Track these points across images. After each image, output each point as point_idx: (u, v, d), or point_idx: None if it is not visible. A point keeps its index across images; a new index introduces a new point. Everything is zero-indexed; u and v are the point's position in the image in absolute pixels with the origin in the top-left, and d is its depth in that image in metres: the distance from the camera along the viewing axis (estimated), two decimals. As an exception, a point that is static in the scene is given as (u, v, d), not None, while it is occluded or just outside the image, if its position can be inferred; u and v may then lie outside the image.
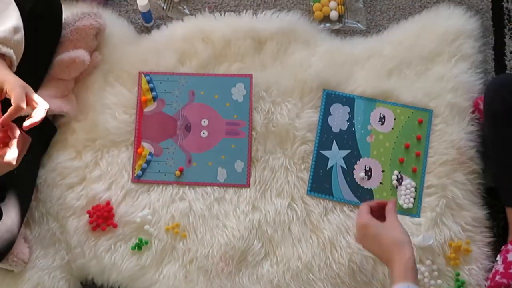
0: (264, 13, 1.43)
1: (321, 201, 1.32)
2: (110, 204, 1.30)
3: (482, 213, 1.31)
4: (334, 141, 1.35)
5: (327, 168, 1.34)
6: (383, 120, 1.36)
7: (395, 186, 1.33)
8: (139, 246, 1.28)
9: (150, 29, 1.45)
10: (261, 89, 1.37)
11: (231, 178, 1.33)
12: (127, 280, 1.28)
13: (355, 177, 1.33)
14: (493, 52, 1.45)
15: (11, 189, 1.18)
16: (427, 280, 1.26)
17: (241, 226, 1.29)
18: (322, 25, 1.45)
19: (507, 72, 1.44)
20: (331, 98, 1.37)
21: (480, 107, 1.34)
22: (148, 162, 1.34)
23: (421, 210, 1.31)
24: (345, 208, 1.31)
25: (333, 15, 1.46)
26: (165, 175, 1.33)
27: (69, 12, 1.33)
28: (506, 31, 1.47)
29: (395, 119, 1.36)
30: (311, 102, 1.37)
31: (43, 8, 1.21)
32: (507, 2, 1.49)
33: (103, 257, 1.27)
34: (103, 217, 1.28)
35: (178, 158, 1.34)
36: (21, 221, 1.20)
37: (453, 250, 1.28)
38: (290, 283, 1.26)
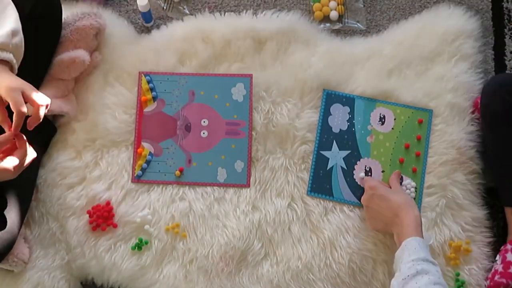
0: (264, 13, 1.43)
1: (321, 201, 1.32)
2: (110, 204, 1.30)
3: (482, 213, 1.31)
4: (334, 141, 1.35)
5: (327, 168, 1.34)
6: (383, 120, 1.36)
7: (395, 186, 1.33)
8: (139, 246, 1.28)
9: (150, 29, 1.45)
10: (261, 89, 1.37)
11: (231, 178, 1.33)
12: (127, 280, 1.28)
13: (355, 177, 1.33)
14: (493, 52, 1.45)
15: (11, 189, 1.17)
16: (427, 280, 1.26)
17: (241, 226, 1.29)
18: (322, 25, 1.45)
19: (507, 72, 1.44)
20: (331, 98, 1.37)
21: (480, 107, 1.34)
22: (148, 162, 1.34)
23: (421, 210, 1.30)
24: (345, 208, 1.31)
25: (333, 15, 1.46)
26: (165, 175, 1.33)
27: (69, 12, 1.33)
28: (506, 31, 1.47)
29: (395, 119, 1.36)
30: (311, 102, 1.37)
31: (43, 8, 1.21)
32: (507, 2, 1.49)
33: (103, 257, 1.27)
34: (103, 217, 1.28)
35: (178, 158, 1.34)
36: (21, 222, 1.20)
37: (453, 250, 1.28)
38: (290, 283, 1.26)
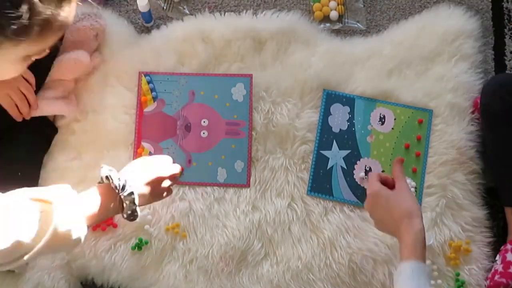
0: (264, 13, 1.42)
1: (321, 201, 1.32)
2: (110, 204, 1.30)
3: (482, 213, 1.31)
4: (334, 141, 1.35)
5: (327, 168, 1.34)
6: (383, 120, 1.36)
7: (395, 186, 1.33)
8: (139, 246, 1.28)
9: (150, 29, 1.45)
10: (261, 89, 1.37)
11: (231, 178, 1.33)
12: (127, 280, 1.28)
13: (355, 177, 1.33)
14: (493, 52, 1.45)
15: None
16: (427, 280, 1.26)
17: (241, 226, 1.29)
18: (322, 25, 1.45)
19: (507, 72, 1.44)
20: (331, 98, 1.37)
21: (480, 107, 1.34)
22: (148, 162, 1.34)
23: (421, 210, 1.30)
24: (345, 208, 1.31)
25: (333, 15, 1.45)
26: (165, 175, 1.33)
27: (69, 12, 1.33)
28: (506, 31, 1.47)
29: (395, 119, 1.36)
30: (311, 102, 1.37)
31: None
32: (507, 2, 1.48)
33: (103, 257, 1.27)
34: (103, 217, 1.28)
35: (178, 158, 1.34)
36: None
37: (453, 250, 1.28)
38: (290, 283, 1.26)
